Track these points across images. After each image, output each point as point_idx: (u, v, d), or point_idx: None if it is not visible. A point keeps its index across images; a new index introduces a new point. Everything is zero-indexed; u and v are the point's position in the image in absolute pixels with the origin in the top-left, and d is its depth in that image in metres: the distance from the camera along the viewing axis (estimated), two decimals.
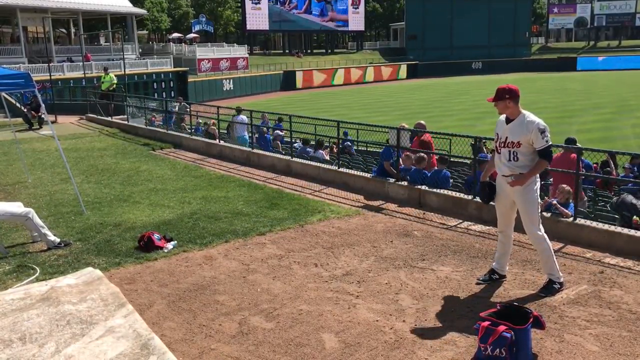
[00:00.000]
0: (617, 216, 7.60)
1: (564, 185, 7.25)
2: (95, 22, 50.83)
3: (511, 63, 76.90)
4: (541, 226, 5.12)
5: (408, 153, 9.63)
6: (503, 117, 5.09)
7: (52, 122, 16.95)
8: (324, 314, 4.87)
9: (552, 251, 5.19)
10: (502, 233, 5.40)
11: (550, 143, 4.95)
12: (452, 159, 10.72)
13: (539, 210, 5.15)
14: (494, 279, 5.49)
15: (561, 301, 5.05)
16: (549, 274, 5.24)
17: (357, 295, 5.26)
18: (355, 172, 10.30)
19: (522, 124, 4.93)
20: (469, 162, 10.10)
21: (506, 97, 4.93)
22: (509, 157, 5.03)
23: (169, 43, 58.05)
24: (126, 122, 18.76)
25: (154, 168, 11.82)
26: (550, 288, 5.20)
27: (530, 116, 4.96)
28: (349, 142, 14.53)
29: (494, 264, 5.57)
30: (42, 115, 18.48)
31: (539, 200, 5.20)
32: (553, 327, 4.54)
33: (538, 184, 5.13)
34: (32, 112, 18.74)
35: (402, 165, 9.38)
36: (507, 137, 5.00)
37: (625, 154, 8.52)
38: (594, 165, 12.82)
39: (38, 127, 18.53)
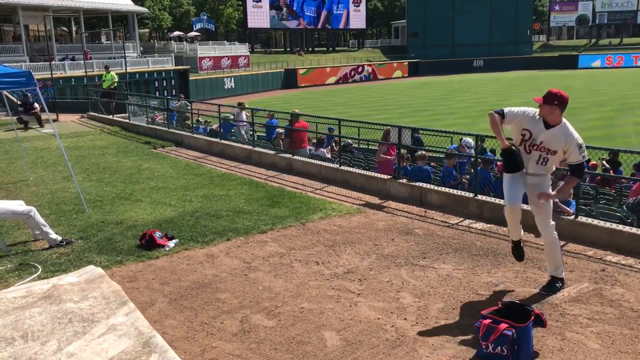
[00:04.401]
0: (618, 214, 7.59)
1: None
2: (96, 20, 50.80)
3: (512, 61, 76.75)
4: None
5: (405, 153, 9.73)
6: (537, 113, 4.90)
7: (54, 121, 16.95)
8: (326, 312, 4.88)
9: (559, 244, 5.18)
10: (514, 209, 5.14)
11: (586, 159, 4.89)
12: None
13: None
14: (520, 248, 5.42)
15: (562, 299, 5.05)
16: (554, 269, 5.23)
17: (358, 293, 5.27)
18: (357, 170, 10.31)
19: (562, 135, 4.83)
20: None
21: (554, 103, 4.79)
22: (538, 160, 4.97)
23: (170, 41, 58.00)
24: (127, 121, 18.76)
25: (156, 166, 11.83)
26: (552, 286, 5.20)
27: (571, 128, 4.87)
28: (349, 141, 14.52)
29: (514, 235, 5.37)
30: (37, 112, 18.45)
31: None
32: (554, 325, 4.54)
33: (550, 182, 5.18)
34: (25, 111, 18.68)
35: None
36: (542, 142, 4.89)
37: (627, 152, 8.48)
38: (594, 163, 12.81)
39: (38, 125, 18.50)
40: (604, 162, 12.55)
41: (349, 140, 14.58)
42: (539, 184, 5.06)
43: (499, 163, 8.78)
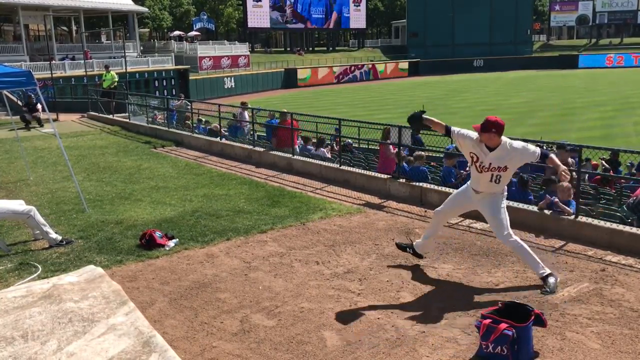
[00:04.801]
0: (618, 214, 7.59)
1: (564, 183, 7.23)
2: (96, 19, 50.80)
3: (513, 61, 76.75)
4: (510, 229, 5.30)
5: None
6: (478, 138, 5.20)
7: (54, 120, 16.95)
8: (326, 312, 4.88)
9: (528, 248, 5.30)
10: (440, 219, 5.80)
11: (538, 152, 5.19)
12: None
13: (507, 216, 5.35)
14: (407, 251, 5.99)
15: (562, 299, 5.05)
16: (536, 271, 5.30)
17: (358, 293, 5.27)
18: (357, 170, 10.30)
19: (506, 151, 5.15)
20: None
21: (492, 130, 5.09)
22: (491, 179, 5.23)
23: (170, 41, 57.98)
24: (127, 120, 18.75)
25: (156, 166, 11.82)
26: (547, 282, 5.21)
27: (509, 142, 5.21)
28: (349, 140, 14.52)
29: (418, 241, 5.92)
30: (39, 114, 18.46)
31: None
32: (554, 325, 4.54)
33: (505, 195, 5.44)
34: (29, 112, 18.69)
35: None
36: (490, 164, 5.16)
37: (627, 151, 8.52)
38: (595, 163, 12.82)
39: (38, 125, 18.50)
40: (604, 162, 12.57)
41: (349, 140, 14.58)
42: (491, 201, 5.32)
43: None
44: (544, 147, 8.04)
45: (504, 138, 5.18)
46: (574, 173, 7.34)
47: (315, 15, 73.61)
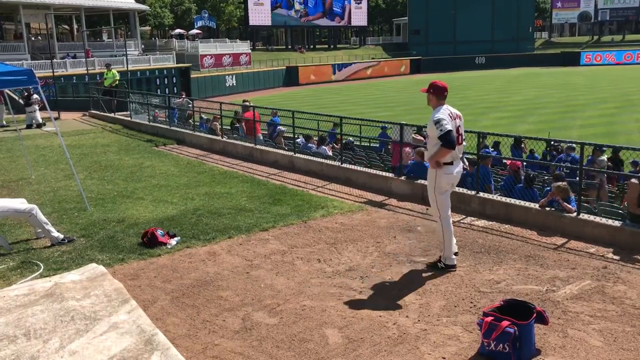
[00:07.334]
0: (620, 212, 7.58)
1: (560, 183, 7.23)
2: (97, 18, 50.89)
3: (514, 58, 76.66)
4: (443, 211, 5.68)
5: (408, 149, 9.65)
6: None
7: (55, 119, 16.95)
8: (327, 310, 4.88)
9: (452, 230, 5.69)
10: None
11: (443, 132, 5.23)
12: None
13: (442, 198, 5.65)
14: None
15: (565, 296, 5.05)
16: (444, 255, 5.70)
17: (360, 291, 5.27)
18: (359, 168, 10.30)
19: (431, 118, 5.38)
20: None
21: (430, 90, 5.43)
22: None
23: (172, 39, 58.01)
24: (129, 119, 18.75)
25: (157, 164, 11.83)
26: (436, 265, 5.69)
27: (435, 111, 5.37)
28: (350, 139, 14.49)
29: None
30: (35, 114, 18.43)
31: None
32: (556, 322, 4.54)
33: (434, 172, 5.63)
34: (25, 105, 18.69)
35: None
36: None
37: (629, 149, 8.53)
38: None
39: (42, 124, 18.51)
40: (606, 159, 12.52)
41: (351, 138, 14.57)
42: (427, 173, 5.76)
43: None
44: (552, 143, 8.08)
45: (441, 106, 5.35)
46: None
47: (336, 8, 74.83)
